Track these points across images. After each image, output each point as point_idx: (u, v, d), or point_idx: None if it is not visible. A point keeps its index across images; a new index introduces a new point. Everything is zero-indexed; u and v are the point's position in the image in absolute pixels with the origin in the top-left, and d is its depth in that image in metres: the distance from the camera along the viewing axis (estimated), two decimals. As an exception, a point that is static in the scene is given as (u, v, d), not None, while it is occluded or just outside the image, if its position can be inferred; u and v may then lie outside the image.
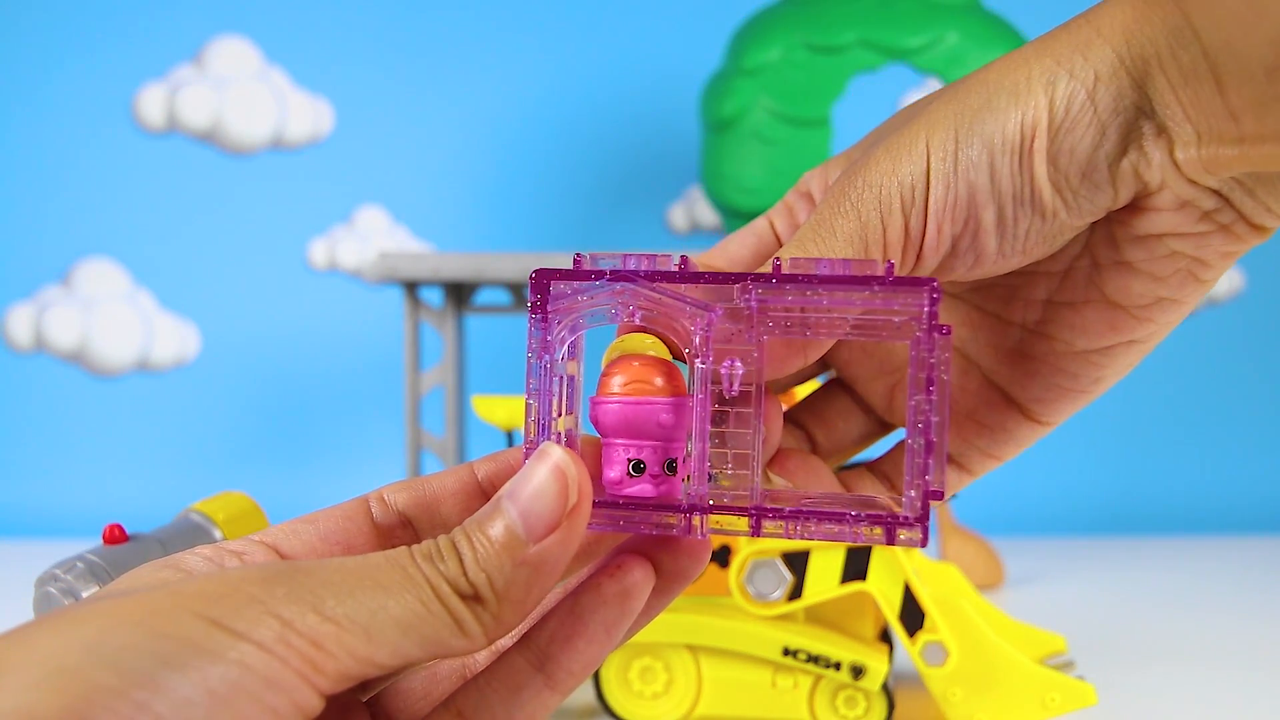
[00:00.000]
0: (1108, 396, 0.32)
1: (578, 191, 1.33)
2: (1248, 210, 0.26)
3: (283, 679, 0.20)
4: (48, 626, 0.20)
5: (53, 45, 1.28)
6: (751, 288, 0.24)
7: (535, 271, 0.25)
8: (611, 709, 0.56)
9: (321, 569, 0.21)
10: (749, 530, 0.25)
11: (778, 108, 0.95)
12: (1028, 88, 0.25)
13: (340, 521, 0.26)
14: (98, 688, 0.18)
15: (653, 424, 0.25)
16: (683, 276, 0.25)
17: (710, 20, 1.20)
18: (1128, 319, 0.28)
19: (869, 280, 0.24)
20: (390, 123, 1.31)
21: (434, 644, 0.22)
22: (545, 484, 0.23)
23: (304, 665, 0.20)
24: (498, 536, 0.23)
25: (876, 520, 0.24)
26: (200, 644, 0.19)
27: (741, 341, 0.25)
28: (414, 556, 0.22)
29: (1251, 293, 1.36)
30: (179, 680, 0.19)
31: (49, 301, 1.26)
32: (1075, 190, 0.26)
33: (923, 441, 0.24)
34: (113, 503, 1.23)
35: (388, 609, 0.21)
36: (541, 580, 0.23)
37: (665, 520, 0.25)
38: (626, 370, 0.25)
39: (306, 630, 0.20)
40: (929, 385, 0.24)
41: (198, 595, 0.20)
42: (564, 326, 0.25)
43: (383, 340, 1.27)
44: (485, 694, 0.25)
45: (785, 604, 0.54)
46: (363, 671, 0.21)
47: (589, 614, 0.24)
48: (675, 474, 0.25)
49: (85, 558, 0.42)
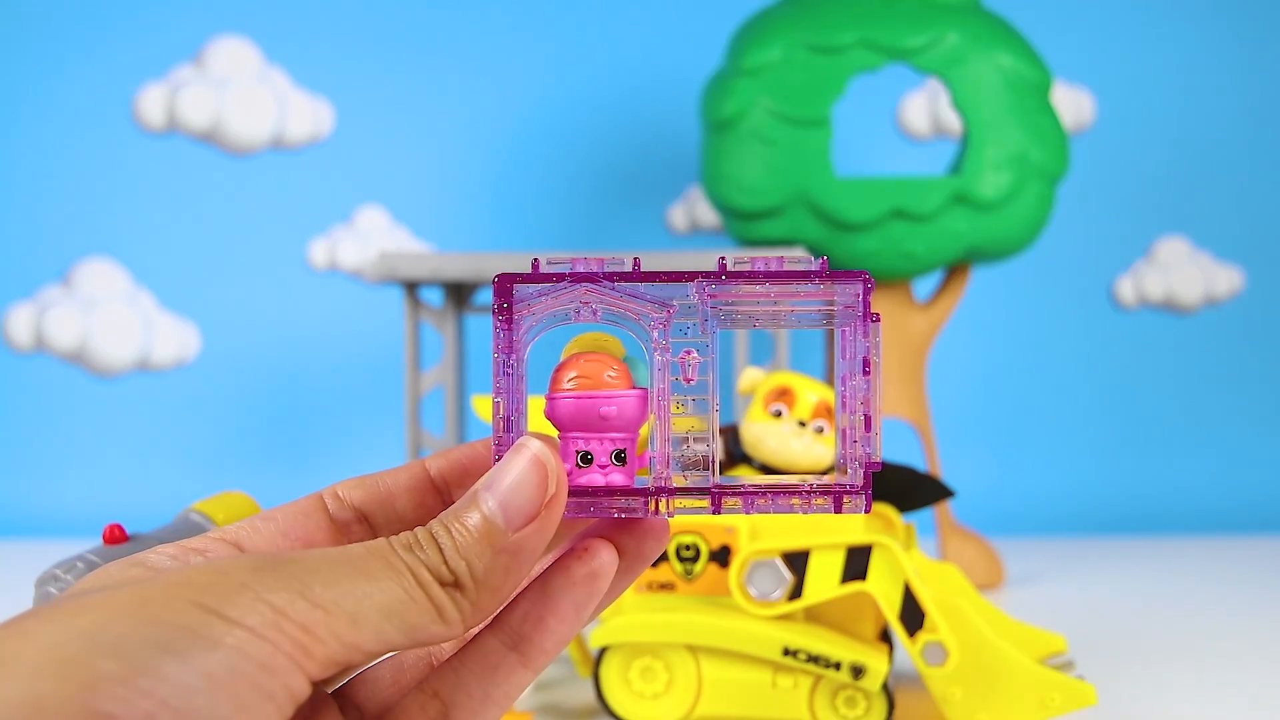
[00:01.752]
0: (1108, 397, 0.32)
1: (578, 192, 1.33)
2: None
3: (276, 663, 0.20)
4: (45, 617, 0.20)
5: (53, 45, 1.28)
6: (703, 283, 0.26)
7: (498, 275, 0.26)
8: (611, 709, 0.56)
9: (306, 558, 0.22)
10: (709, 508, 0.27)
11: (778, 108, 0.95)
12: None
13: (298, 518, 0.27)
14: (102, 675, 0.18)
15: (596, 416, 0.27)
16: (637, 276, 0.26)
17: (710, 20, 1.20)
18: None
19: (809, 274, 0.26)
20: (390, 123, 1.31)
21: (415, 630, 0.22)
22: (525, 475, 0.24)
23: (295, 650, 0.20)
24: (476, 525, 0.24)
25: (825, 491, 0.27)
26: (197, 630, 0.20)
27: (695, 334, 0.27)
28: (394, 546, 0.23)
29: (1251, 293, 1.36)
30: (180, 666, 0.19)
31: (49, 301, 1.26)
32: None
33: (862, 418, 0.26)
34: (113, 503, 1.23)
35: (372, 595, 0.22)
36: (519, 567, 0.24)
37: (629, 504, 0.26)
38: (575, 366, 0.27)
39: (297, 616, 0.21)
40: (865, 367, 0.26)
41: (190, 584, 0.21)
42: (527, 327, 0.27)
43: (383, 340, 1.27)
44: (461, 675, 0.26)
45: (785, 604, 0.54)
46: (348, 657, 0.21)
47: (559, 595, 0.26)
48: (624, 464, 0.27)
49: (85, 558, 0.42)
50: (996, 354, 1.35)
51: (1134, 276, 1.35)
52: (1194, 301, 1.35)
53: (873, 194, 0.94)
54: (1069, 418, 1.35)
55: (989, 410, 1.34)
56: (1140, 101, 1.34)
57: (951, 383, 1.28)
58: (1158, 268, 1.35)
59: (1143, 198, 1.35)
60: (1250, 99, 1.35)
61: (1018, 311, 1.35)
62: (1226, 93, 1.35)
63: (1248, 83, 1.35)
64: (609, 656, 0.56)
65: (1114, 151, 1.34)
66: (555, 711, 0.60)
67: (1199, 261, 1.35)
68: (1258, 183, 1.35)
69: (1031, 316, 1.35)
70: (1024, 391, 1.35)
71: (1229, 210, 1.35)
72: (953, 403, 1.26)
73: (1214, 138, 1.35)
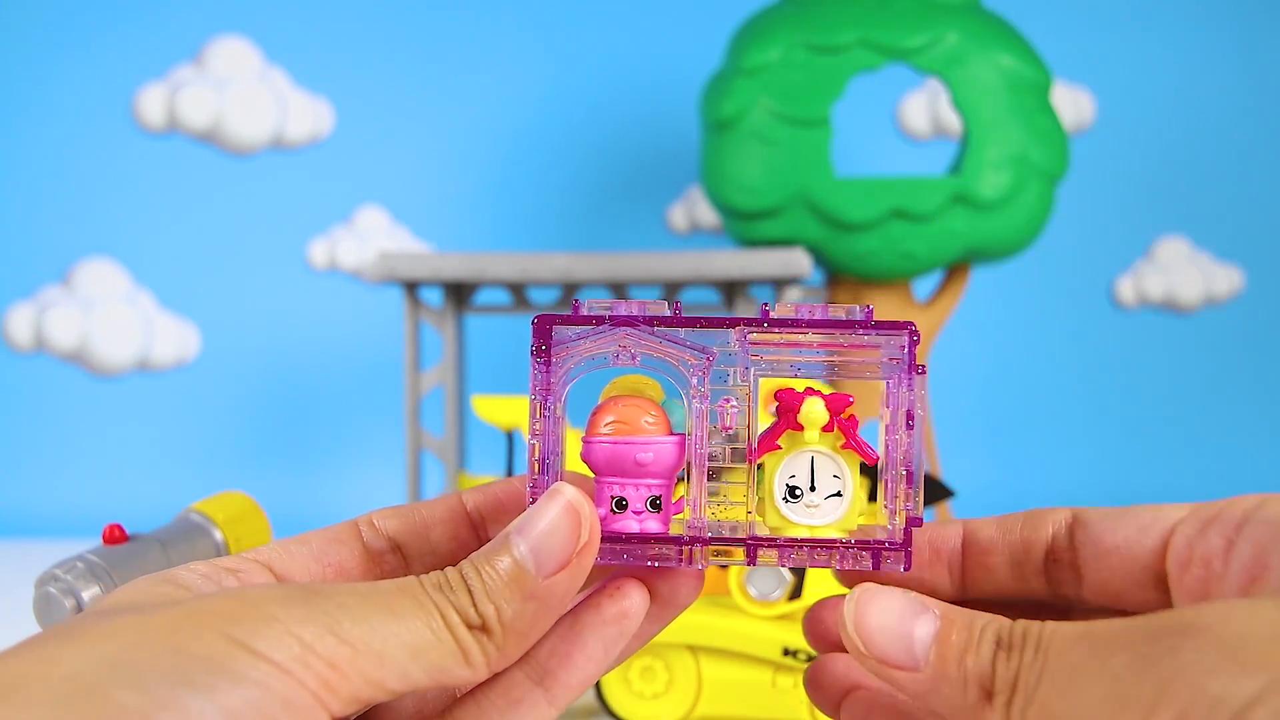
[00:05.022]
0: (1107, 397, 0.33)
1: (578, 191, 1.33)
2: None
3: (299, 700, 0.20)
4: (70, 642, 0.20)
5: (53, 45, 1.28)
6: (745, 330, 0.26)
7: (537, 317, 0.26)
8: (611, 709, 0.56)
9: (336, 592, 0.22)
10: (745, 560, 0.26)
11: (778, 108, 0.95)
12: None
13: (332, 544, 0.27)
14: (121, 707, 0.18)
15: (631, 462, 0.26)
16: (678, 321, 0.26)
17: (710, 20, 1.20)
18: None
19: (853, 324, 0.26)
20: (390, 123, 1.31)
21: (439, 671, 0.22)
22: (559, 521, 0.24)
23: (319, 687, 0.20)
24: (506, 569, 0.23)
25: (864, 547, 0.26)
26: (222, 664, 0.20)
27: (735, 382, 0.27)
28: (424, 586, 0.23)
29: (1251, 293, 1.36)
30: (201, 702, 0.19)
31: (49, 301, 1.26)
32: None
33: (904, 472, 0.26)
34: (113, 503, 1.22)
35: (399, 634, 0.22)
36: (547, 614, 0.24)
37: (663, 552, 0.26)
38: (613, 410, 0.27)
39: (325, 652, 0.21)
40: (909, 421, 0.26)
41: (219, 614, 0.21)
42: (565, 370, 0.26)
43: (383, 340, 1.27)
44: (484, 707, 0.25)
45: (785, 604, 0.54)
46: (371, 695, 0.21)
47: (589, 632, 0.25)
48: (660, 510, 0.27)
49: (85, 558, 0.42)
50: (996, 354, 1.35)
51: (1134, 276, 1.35)
52: (1194, 301, 1.35)
53: (873, 194, 0.94)
54: (1069, 418, 1.35)
55: (989, 410, 1.34)
56: (1140, 101, 1.34)
57: (951, 383, 1.28)
58: (1158, 268, 1.35)
59: (1143, 198, 1.35)
60: (1250, 99, 1.35)
61: (1018, 311, 1.35)
62: (1226, 93, 1.35)
63: (1247, 83, 1.34)
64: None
65: (1114, 151, 1.34)
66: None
67: (1199, 261, 1.35)
68: (1257, 183, 1.35)
69: (1031, 316, 1.35)
70: (1024, 391, 1.35)
71: (1229, 210, 1.35)
72: (953, 403, 1.26)
73: (1214, 138, 1.35)
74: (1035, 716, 0.21)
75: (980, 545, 0.28)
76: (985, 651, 0.22)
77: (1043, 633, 0.22)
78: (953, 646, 0.23)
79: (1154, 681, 0.19)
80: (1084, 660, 0.21)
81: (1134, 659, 0.20)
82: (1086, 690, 0.20)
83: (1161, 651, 0.20)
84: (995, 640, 0.22)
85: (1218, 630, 0.19)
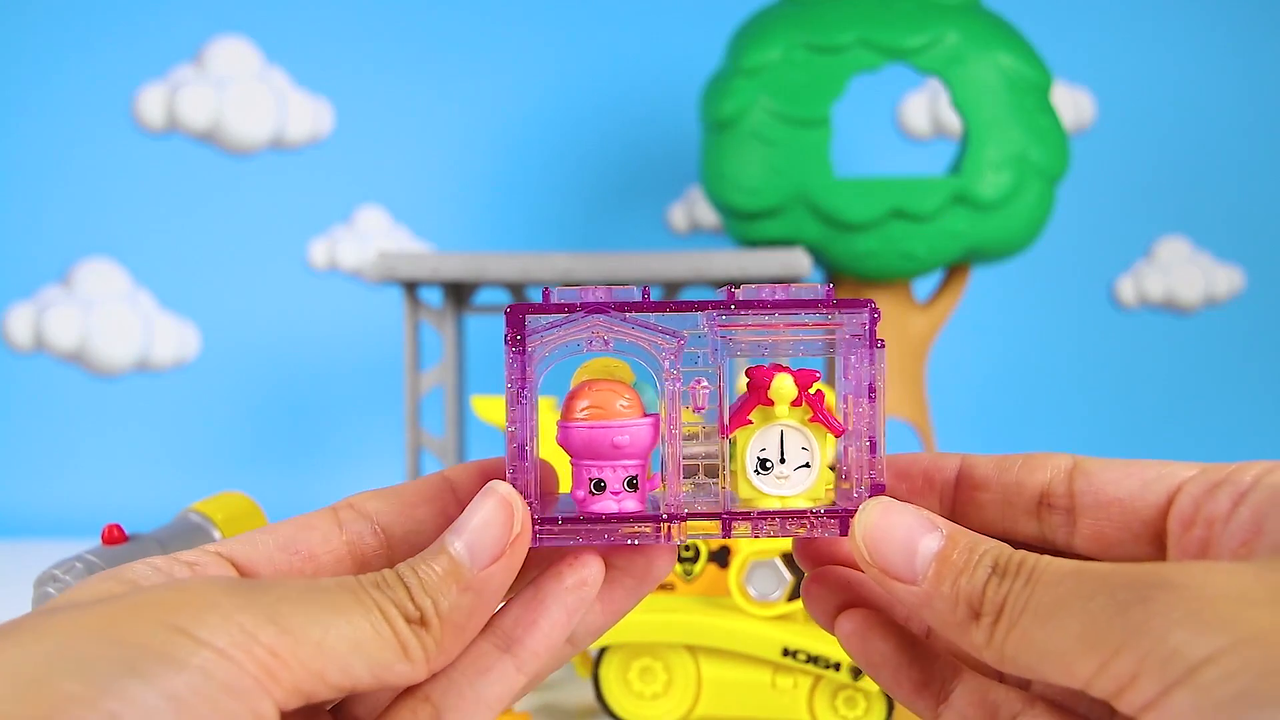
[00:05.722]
0: (1108, 397, 0.33)
1: (578, 191, 1.33)
2: None
3: (242, 685, 0.20)
4: (9, 639, 0.20)
5: (53, 45, 1.28)
6: (712, 314, 0.27)
7: (509, 307, 0.27)
8: (611, 709, 0.56)
9: (277, 586, 0.22)
10: (720, 533, 0.27)
11: (778, 108, 0.95)
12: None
13: (301, 531, 0.27)
14: (67, 697, 0.18)
15: (609, 445, 0.27)
16: (648, 306, 0.27)
17: (710, 20, 1.20)
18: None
19: (815, 303, 0.27)
20: (390, 123, 1.31)
21: (380, 666, 0.23)
22: (492, 515, 0.25)
23: (262, 673, 0.20)
24: (442, 565, 0.24)
25: (833, 515, 0.27)
26: (163, 651, 0.20)
27: (705, 363, 0.28)
28: (363, 583, 0.24)
29: (1251, 293, 1.36)
30: (144, 688, 0.19)
31: (49, 301, 1.26)
32: None
33: (868, 442, 0.27)
34: (112, 503, 1.22)
35: (339, 627, 0.22)
36: (483, 605, 0.25)
37: (641, 530, 0.27)
38: (588, 395, 0.28)
39: (266, 640, 0.21)
40: (871, 393, 0.27)
41: (159, 604, 0.21)
42: (540, 358, 0.27)
43: (383, 340, 1.27)
44: (453, 678, 0.26)
45: (785, 604, 0.54)
46: (314, 688, 0.21)
47: (551, 599, 0.26)
48: (636, 490, 0.28)
49: (84, 558, 0.42)
50: (996, 354, 1.35)
51: (1134, 276, 1.35)
52: (1194, 301, 1.35)
53: (873, 194, 0.94)
54: (1069, 418, 1.35)
55: (989, 410, 1.34)
56: (1140, 101, 1.34)
57: (951, 383, 1.28)
58: (1158, 268, 1.35)
59: (1143, 198, 1.35)
60: (1250, 99, 1.35)
61: (1018, 311, 1.35)
62: (1226, 93, 1.35)
63: (1247, 83, 1.34)
64: (608, 657, 0.56)
65: (1114, 151, 1.34)
66: (554, 712, 0.60)
67: (1199, 261, 1.35)
68: (1257, 183, 1.35)
69: (1031, 316, 1.35)
70: (1024, 391, 1.35)
71: (1229, 210, 1.35)
72: (953, 403, 1.26)
73: (1214, 138, 1.35)
74: (1015, 641, 0.22)
75: (974, 480, 0.29)
76: (980, 574, 0.24)
77: (1037, 564, 0.23)
78: (951, 565, 0.24)
79: (1122, 626, 0.20)
80: (1068, 596, 0.22)
81: (1111, 602, 0.21)
82: (1064, 625, 0.21)
83: (1135, 599, 0.20)
84: (991, 565, 0.24)
85: (1193, 588, 0.20)
